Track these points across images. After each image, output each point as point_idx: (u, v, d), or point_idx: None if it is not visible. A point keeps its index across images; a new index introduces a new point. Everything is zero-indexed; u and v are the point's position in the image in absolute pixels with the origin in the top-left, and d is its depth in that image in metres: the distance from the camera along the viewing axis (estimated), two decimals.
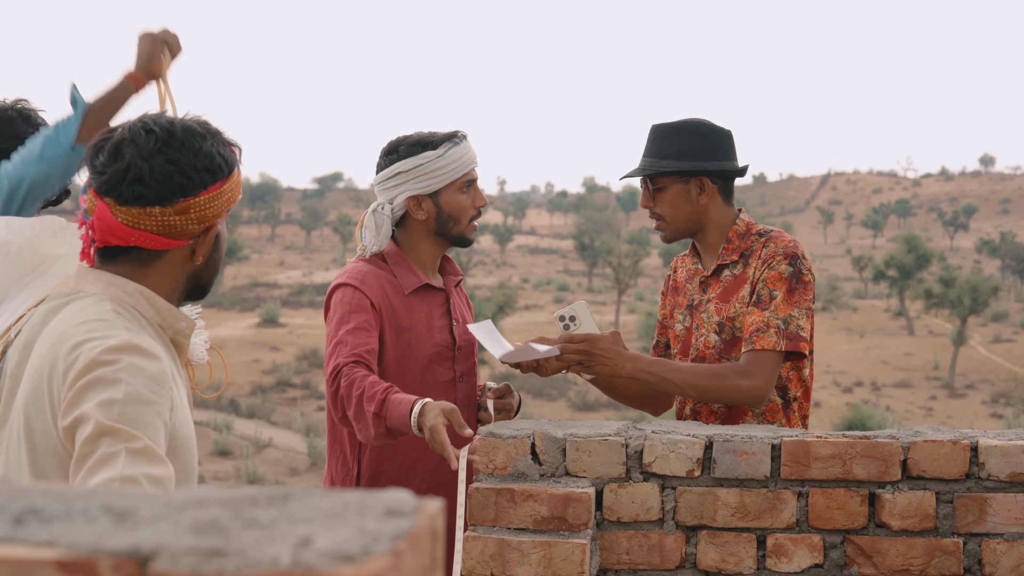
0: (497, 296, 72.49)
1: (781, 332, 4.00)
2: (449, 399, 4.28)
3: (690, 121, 4.25)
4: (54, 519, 0.96)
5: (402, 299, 4.26)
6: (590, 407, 54.79)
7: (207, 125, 2.60)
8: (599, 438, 3.69)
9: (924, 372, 70.33)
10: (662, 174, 4.21)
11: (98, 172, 2.50)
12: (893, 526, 3.63)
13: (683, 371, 4.02)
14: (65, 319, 2.51)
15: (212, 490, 1.07)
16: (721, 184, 4.26)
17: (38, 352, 2.49)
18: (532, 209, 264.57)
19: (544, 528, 3.59)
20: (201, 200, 2.52)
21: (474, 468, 3.70)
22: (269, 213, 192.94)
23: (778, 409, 4.18)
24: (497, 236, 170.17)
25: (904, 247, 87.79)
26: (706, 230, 4.28)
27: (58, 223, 2.99)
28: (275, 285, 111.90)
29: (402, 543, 0.91)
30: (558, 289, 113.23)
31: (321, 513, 0.99)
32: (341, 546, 0.89)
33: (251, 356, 65.79)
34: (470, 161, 4.29)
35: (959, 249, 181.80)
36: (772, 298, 4.05)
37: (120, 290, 2.56)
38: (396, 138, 4.32)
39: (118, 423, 2.29)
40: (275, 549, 0.89)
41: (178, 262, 2.62)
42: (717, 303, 4.22)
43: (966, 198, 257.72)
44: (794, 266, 4.09)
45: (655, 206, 4.26)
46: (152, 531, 0.93)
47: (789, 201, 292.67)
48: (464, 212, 4.29)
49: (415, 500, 1.02)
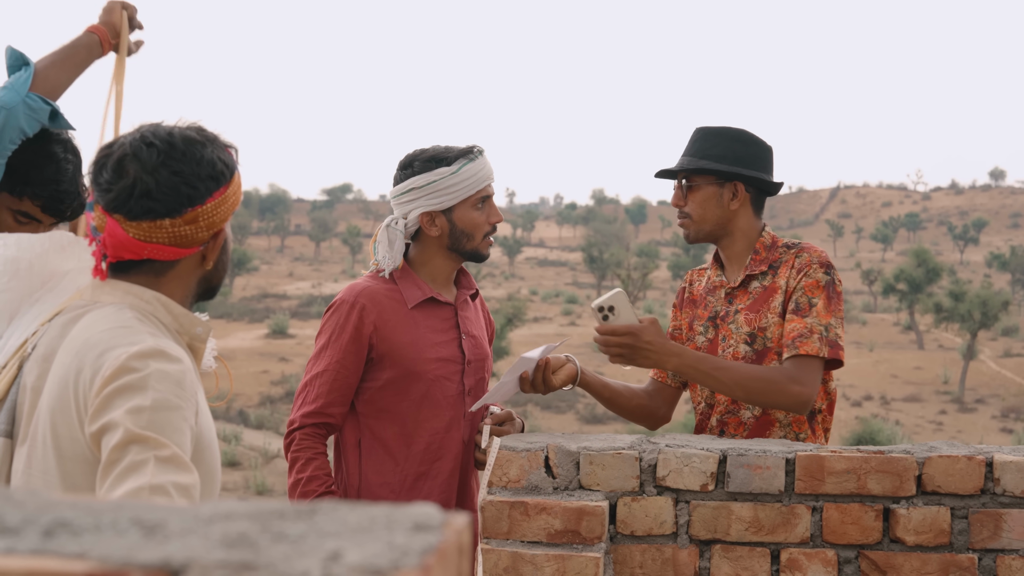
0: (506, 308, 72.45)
1: (824, 339, 4.02)
2: (457, 413, 4.29)
3: (734, 128, 4.27)
4: (84, 532, 0.96)
5: (404, 313, 4.25)
6: (599, 420, 54.71)
7: (204, 131, 2.63)
8: (613, 451, 3.69)
9: (934, 386, 70.15)
10: (698, 171, 4.23)
11: (104, 190, 2.53)
12: (908, 541, 3.62)
13: (731, 370, 4.02)
14: (87, 327, 2.53)
15: (239, 503, 1.07)
16: (754, 194, 4.27)
17: (61, 361, 2.51)
18: (541, 221, 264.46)
19: (557, 541, 3.59)
20: (208, 207, 2.56)
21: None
22: (278, 224, 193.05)
23: (804, 421, 4.18)
24: (506, 248, 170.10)
25: (914, 261, 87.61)
26: (732, 237, 4.29)
27: (66, 238, 2.98)
28: (284, 296, 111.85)
29: (431, 558, 0.91)
30: (567, 301, 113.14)
31: (349, 527, 0.98)
32: (370, 560, 0.89)
33: (260, 367, 65.77)
34: (485, 177, 4.25)
35: (969, 263, 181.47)
36: (812, 305, 4.06)
37: (138, 298, 2.60)
38: (412, 152, 4.29)
39: (146, 430, 2.32)
40: (305, 563, 0.89)
41: (190, 268, 2.66)
42: (747, 314, 4.21)
43: (976, 212, 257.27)
44: (829, 275, 4.11)
45: (685, 204, 4.27)
46: (182, 544, 0.93)
47: (798, 214, 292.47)
48: (478, 228, 4.27)
49: (442, 514, 1.02)
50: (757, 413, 4.17)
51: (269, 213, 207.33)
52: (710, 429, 4.28)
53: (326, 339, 4.22)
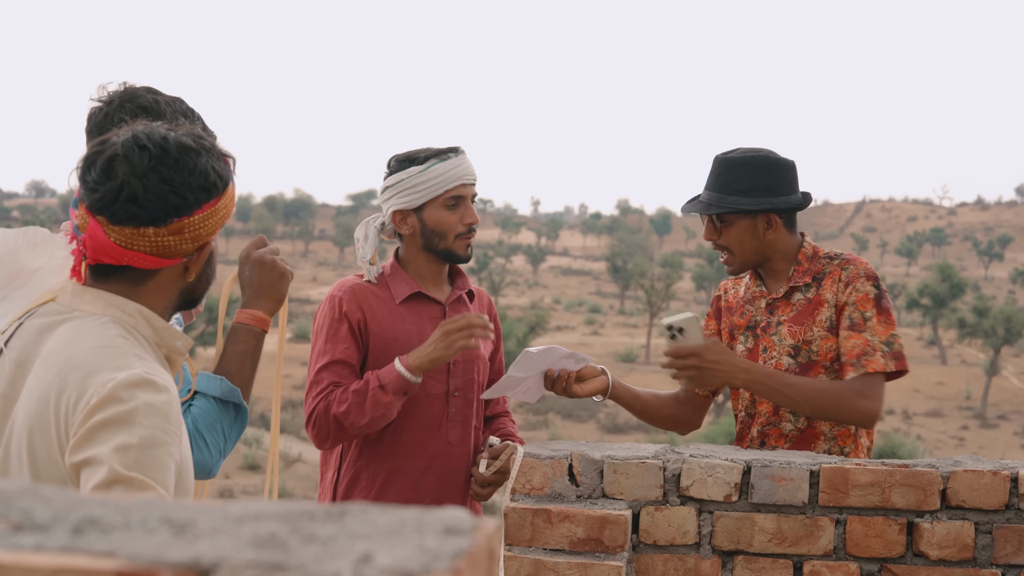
0: (529, 316, 72.55)
1: (887, 354, 4.03)
2: (440, 413, 4.29)
3: (756, 155, 4.22)
4: (113, 530, 0.96)
5: (391, 309, 4.26)
6: (620, 429, 54.71)
7: (201, 139, 2.53)
8: (637, 460, 3.68)
9: (956, 402, 69.98)
10: (731, 211, 4.20)
11: (90, 189, 2.44)
12: (931, 556, 3.60)
13: (800, 387, 4.02)
14: (70, 342, 2.45)
15: (269, 504, 1.06)
16: (787, 217, 4.25)
17: (39, 375, 2.43)
18: (565, 230, 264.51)
19: (580, 550, 3.58)
20: (196, 219, 2.48)
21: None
22: (303, 229, 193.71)
23: (849, 435, 4.17)
24: (530, 256, 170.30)
25: (938, 276, 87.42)
26: (772, 260, 4.27)
27: (40, 234, 2.88)
28: (308, 301, 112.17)
29: (461, 561, 0.90)
30: (590, 311, 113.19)
31: (379, 530, 0.98)
32: (401, 563, 0.89)
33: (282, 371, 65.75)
34: (456, 177, 4.22)
35: (993, 279, 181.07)
36: (866, 319, 4.06)
37: (121, 311, 2.51)
38: (398, 153, 4.33)
39: (132, 471, 2.26)
40: (336, 565, 0.88)
41: (171, 279, 2.57)
42: (791, 326, 4.20)
43: (1001, 228, 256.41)
44: (878, 287, 4.11)
45: (719, 238, 4.25)
46: (212, 544, 0.93)
47: (823, 227, 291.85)
48: (449, 228, 4.24)
49: (472, 518, 1.01)
50: (801, 426, 4.16)
51: (294, 218, 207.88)
52: (750, 440, 4.26)
53: (323, 337, 4.23)
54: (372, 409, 4.04)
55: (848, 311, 4.08)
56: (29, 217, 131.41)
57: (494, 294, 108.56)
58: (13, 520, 0.98)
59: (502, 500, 3.77)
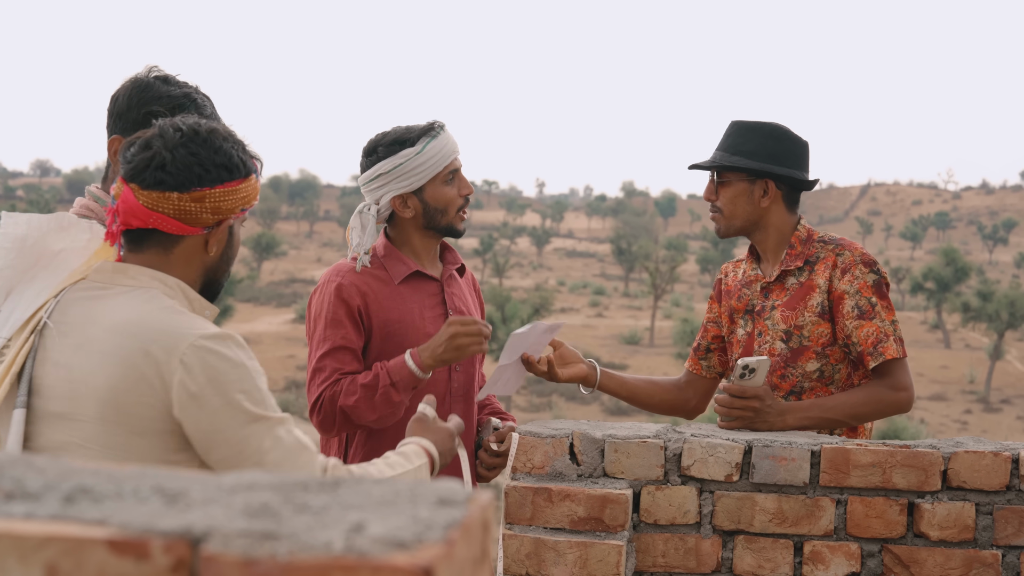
0: (533, 298, 72.52)
1: (899, 340, 4.09)
2: (442, 391, 4.26)
3: (769, 123, 4.26)
4: (105, 498, 0.96)
5: (391, 290, 4.24)
6: (624, 412, 54.75)
7: (232, 134, 2.81)
8: (638, 440, 3.67)
9: (959, 385, 70.00)
10: (728, 169, 4.21)
11: (127, 161, 2.71)
12: (932, 536, 3.60)
13: (839, 407, 4.04)
14: (127, 308, 2.67)
15: (262, 475, 1.06)
16: (786, 191, 4.23)
17: (106, 340, 2.63)
18: (570, 212, 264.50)
19: (580, 528, 3.58)
20: (216, 192, 2.71)
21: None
22: (308, 210, 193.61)
23: None
24: (535, 238, 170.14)
25: (943, 260, 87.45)
26: (764, 232, 4.26)
27: (68, 219, 3.06)
28: (312, 281, 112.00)
29: (455, 532, 0.90)
30: (594, 293, 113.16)
31: (373, 500, 0.98)
32: (394, 533, 0.88)
33: (286, 352, 65.99)
34: (450, 152, 4.23)
35: (998, 263, 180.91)
36: (873, 306, 4.07)
37: (163, 283, 2.74)
38: (375, 137, 4.29)
39: (258, 408, 2.62)
40: (328, 534, 0.88)
41: (194, 251, 2.79)
42: (783, 311, 4.19)
43: (1006, 212, 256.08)
44: (876, 273, 4.11)
45: (717, 199, 4.26)
46: (204, 513, 0.92)
47: (828, 211, 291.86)
48: (451, 203, 4.25)
49: (466, 490, 1.01)
50: None
51: (299, 198, 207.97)
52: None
53: (322, 324, 4.17)
54: (382, 407, 4.03)
55: (852, 299, 4.07)
56: (34, 196, 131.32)
57: (499, 276, 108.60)
58: (5, 489, 0.98)
59: (503, 482, 3.77)
